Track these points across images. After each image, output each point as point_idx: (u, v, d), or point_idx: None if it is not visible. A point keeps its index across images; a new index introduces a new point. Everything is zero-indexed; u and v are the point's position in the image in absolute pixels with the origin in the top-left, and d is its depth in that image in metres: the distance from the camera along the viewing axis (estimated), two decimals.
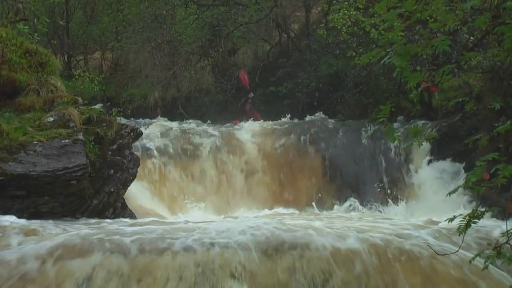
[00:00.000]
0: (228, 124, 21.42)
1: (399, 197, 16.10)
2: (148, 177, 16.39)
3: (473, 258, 5.78)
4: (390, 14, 5.24)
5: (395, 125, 16.85)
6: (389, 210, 15.54)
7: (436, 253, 7.48)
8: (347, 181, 17.04)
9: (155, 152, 17.17)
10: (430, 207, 14.73)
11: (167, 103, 28.79)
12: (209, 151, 17.84)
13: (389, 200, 15.94)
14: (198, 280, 7.82)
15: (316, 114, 21.54)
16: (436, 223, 11.03)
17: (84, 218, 11.52)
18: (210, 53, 28.19)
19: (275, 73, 25.29)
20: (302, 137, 18.45)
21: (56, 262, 7.82)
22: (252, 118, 22.92)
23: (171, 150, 17.46)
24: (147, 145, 17.19)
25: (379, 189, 16.38)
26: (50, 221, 10.52)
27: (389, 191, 16.33)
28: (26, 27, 16.60)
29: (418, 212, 14.87)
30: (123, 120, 15.16)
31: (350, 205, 15.87)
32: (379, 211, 15.45)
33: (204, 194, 16.83)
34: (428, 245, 8.04)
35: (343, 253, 8.43)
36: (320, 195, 16.77)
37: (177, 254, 8.15)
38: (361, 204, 15.83)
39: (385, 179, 16.65)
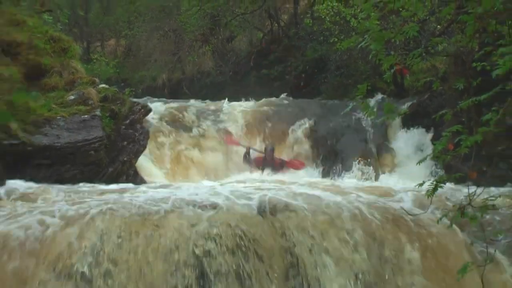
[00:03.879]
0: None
1: (376, 165, 16.13)
2: None
3: (440, 219, 5.79)
4: (367, 4, 5.26)
5: (373, 101, 16.76)
6: (371, 176, 15.54)
7: (408, 213, 7.51)
8: (330, 151, 16.98)
9: None
10: (405, 173, 14.78)
11: (173, 84, 29.04)
12: None
13: (370, 167, 15.94)
14: None
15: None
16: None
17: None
18: (210, 40, 28.28)
19: (267, 58, 25.35)
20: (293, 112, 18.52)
21: None
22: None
23: None
24: None
25: (359, 159, 16.33)
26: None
27: (366, 160, 16.32)
28: (51, 17, 16.58)
29: (395, 177, 14.90)
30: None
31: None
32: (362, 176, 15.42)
33: None
34: (401, 207, 8.05)
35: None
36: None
37: None
38: (344, 170, 15.85)
39: (364, 149, 16.62)
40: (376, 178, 15.25)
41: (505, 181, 10.63)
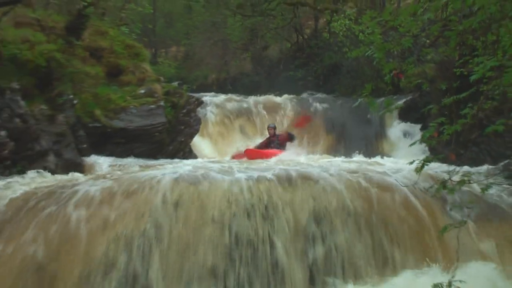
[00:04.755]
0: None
1: (378, 148, 16.06)
2: None
3: (427, 190, 5.74)
4: (372, 22, 5.25)
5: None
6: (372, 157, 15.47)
7: (401, 185, 7.46)
8: (341, 136, 16.93)
9: None
10: (399, 154, 14.66)
11: (220, 82, 29.26)
12: None
13: (371, 150, 15.86)
14: None
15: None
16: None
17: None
18: (249, 48, 28.37)
19: (293, 63, 25.35)
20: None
21: None
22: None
23: None
24: None
25: (364, 143, 16.26)
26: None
27: (370, 144, 16.25)
28: (127, 29, 16.77)
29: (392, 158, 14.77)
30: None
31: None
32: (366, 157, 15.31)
33: None
34: (395, 180, 7.94)
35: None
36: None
37: None
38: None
39: (367, 136, 16.56)
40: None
41: (476, 162, 10.52)
